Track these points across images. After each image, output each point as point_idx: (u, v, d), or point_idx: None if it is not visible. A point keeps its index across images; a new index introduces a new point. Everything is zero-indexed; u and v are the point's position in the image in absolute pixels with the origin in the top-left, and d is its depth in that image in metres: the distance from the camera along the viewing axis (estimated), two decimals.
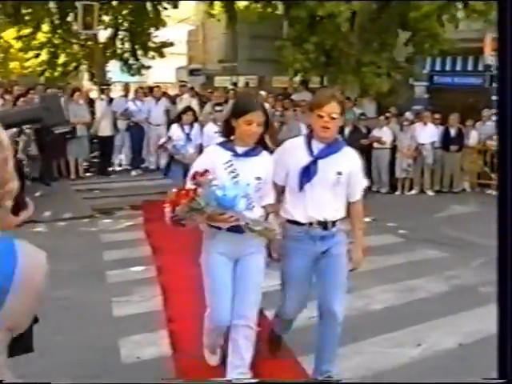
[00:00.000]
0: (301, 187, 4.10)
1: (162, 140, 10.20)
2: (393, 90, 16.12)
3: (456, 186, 14.31)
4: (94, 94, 18.89)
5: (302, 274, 4.25)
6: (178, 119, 10.03)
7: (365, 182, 4.83)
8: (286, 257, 4.22)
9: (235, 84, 21.31)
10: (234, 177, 3.93)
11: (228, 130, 4.11)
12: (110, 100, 15.18)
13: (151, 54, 26.34)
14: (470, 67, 22.28)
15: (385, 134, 13.52)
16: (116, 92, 19.42)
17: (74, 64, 26.77)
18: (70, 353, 4.61)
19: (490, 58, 20.20)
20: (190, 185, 3.82)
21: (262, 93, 16.31)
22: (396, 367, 4.66)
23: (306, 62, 15.84)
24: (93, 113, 14.40)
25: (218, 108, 11.16)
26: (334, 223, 4.16)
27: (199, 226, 4.06)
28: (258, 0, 18.93)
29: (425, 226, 10.13)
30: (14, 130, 9.41)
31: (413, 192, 13.81)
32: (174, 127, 9.88)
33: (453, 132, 14.25)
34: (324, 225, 4.12)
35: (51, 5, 21.24)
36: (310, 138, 4.20)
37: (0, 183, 1.61)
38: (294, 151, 4.20)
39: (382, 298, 6.29)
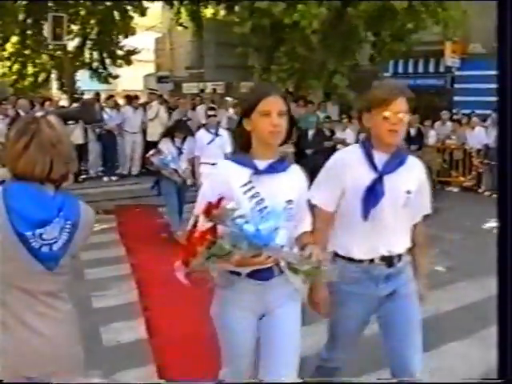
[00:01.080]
0: (366, 214, 3.17)
1: (150, 152, 9.34)
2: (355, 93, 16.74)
3: None
4: (64, 103, 19.29)
5: (360, 326, 3.40)
6: (168, 133, 9.23)
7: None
8: (338, 305, 3.26)
9: (202, 90, 21.81)
10: (258, 202, 2.84)
11: (243, 140, 3.01)
12: None
13: (119, 62, 26.64)
14: (431, 69, 23.15)
15: (348, 135, 14.10)
16: None
17: (44, 74, 27.07)
18: None
19: (450, 59, 21.16)
20: (203, 222, 2.64)
21: (228, 99, 16.84)
22: None
23: (279, 70, 16.47)
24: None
25: (210, 112, 9.71)
26: (400, 256, 3.28)
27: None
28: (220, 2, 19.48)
29: None
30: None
31: None
32: (165, 140, 9.07)
33: (412, 132, 14.91)
34: (389, 260, 3.23)
35: (20, 16, 21.50)
36: (369, 148, 3.25)
37: (72, 159, 2.51)
38: (351, 165, 3.24)
39: None
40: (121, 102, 17.00)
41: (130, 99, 16.07)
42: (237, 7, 16.75)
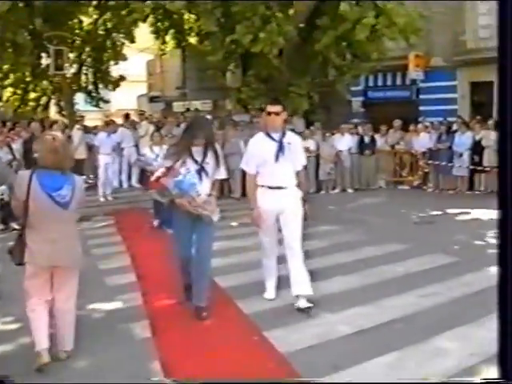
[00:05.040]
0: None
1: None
2: (314, 108, 18.95)
3: (372, 183, 17.39)
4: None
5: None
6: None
7: None
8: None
9: (188, 109, 23.91)
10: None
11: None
12: (84, 128, 18.03)
13: (110, 86, 28.69)
14: (398, 82, 24.65)
15: (310, 144, 16.31)
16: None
17: (45, 98, 29.22)
18: None
19: (414, 73, 22.96)
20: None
21: (208, 117, 19.15)
22: None
23: (248, 90, 18.83)
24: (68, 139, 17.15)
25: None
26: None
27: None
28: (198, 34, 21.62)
29: (334, 212, 13.09)
30: None
31: (336, 191, 16.75)
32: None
33: (366, 139, 17.32)
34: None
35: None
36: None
37: (70, 158, 4.86)
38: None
39: None
40: (118, 121, 19.28)
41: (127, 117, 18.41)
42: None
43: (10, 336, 5.54)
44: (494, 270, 7.55)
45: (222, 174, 6.21)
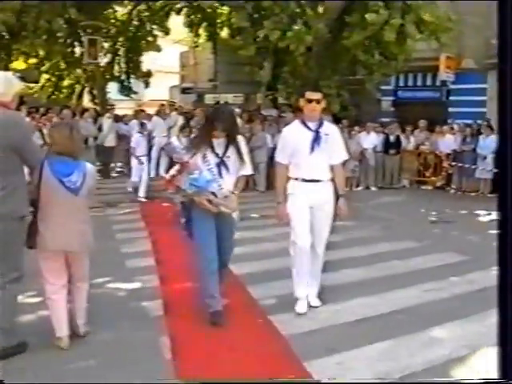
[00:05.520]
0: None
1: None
2: (344, 106, 19.14)
3: (396, 182, 17.57)
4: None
5: None
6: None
7: None
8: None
9: (217, 102, 24.19)
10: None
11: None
12: (115, 117, 18.45)
13: (141, 78, 29.18)
14: (428, 83, 24.71)
15: None
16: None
17: (79, 86, 29.74)
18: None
19: (444, 74, 23.01)
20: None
21: (237, 110, 19.50)
22: None
23: (285, 87, 19.13)
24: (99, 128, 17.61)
25: None
26: None
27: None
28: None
29: (354, 209, 13.24)
30: None
31: (359, 188, 16.99)
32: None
33: (392, 138, 17.50)
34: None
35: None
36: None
37: (81, 148, 5.23)
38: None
39: None
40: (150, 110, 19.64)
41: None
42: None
43: (31, 309, 5.88)
44: None
45: (247, 170, 5.70)
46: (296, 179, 5.93)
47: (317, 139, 5.81)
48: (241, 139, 5.71)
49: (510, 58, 2.12)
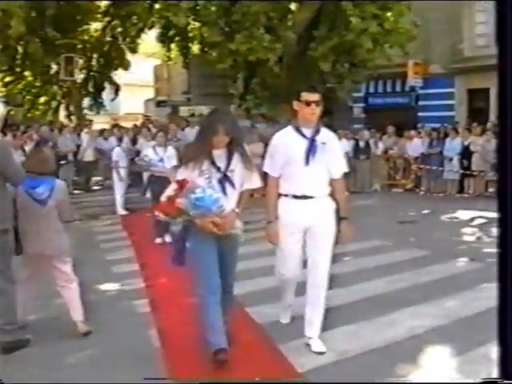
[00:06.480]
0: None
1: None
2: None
3: (368, 187, 18.22)
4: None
5: None
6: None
7: None
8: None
9: (192, 114, 24.77)
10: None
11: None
12: (94, 132, 18.94)
13: (113, 92, 29.78)
14: (398, 89, 25.54)
15: None
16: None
17: (54, 102, 30.10)
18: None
19: (413, 80, 23.51)
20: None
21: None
22: None
23: (253, 98, 19.76)
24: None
25: None
26: None
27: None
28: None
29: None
30: None
31: None
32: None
33: (362, 144, 18.19)
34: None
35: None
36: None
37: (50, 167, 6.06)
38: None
39: None
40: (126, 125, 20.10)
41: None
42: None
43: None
44: (458, 261, 8.48)
45: (255, 182, 4.88)
46: (286, 196, 5.10)
47: (312, 149, 4.93)
48: (245, 146, 4.95)
49: (510, 58, 2.08)
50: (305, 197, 4.99)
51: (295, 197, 5.01)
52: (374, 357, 4.98)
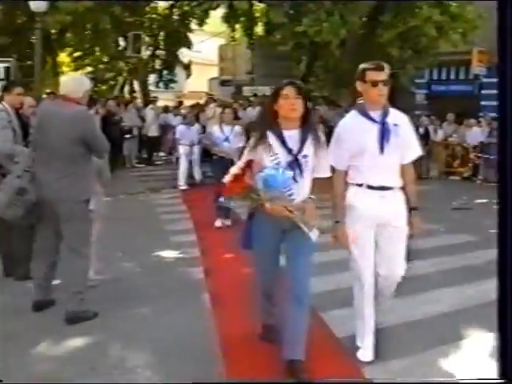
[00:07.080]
0: None
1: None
2: None
3: (425, 173, 18.29)
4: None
5: None
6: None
7: None
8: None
9: (255, 95, 25.04)
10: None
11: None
12: (163, 108, 19.63)
13: (181, 70, 30.28)
14: (461, 76, 25.37)
15: None
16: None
17: (121, 79, 30.85)
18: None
19: (477, 68, 23.14)
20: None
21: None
22: None
23: (316, 80, 20.00)
24: (142, 118, 18.68)
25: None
26: None
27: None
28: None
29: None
30: None
31: None
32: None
33: (421, 130, 18.23)
34: None
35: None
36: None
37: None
38: None
39: None
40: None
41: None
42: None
43: None
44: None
45: (325, 171, 4.38)
46: (360, 185, 4.45)
47: (385, 133, 4.34)
48: (320, 130, 4.51)
49: (510, 58, 2.09)
50: (382, 188, 4.38)
51: (370, 187, 4.39)
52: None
